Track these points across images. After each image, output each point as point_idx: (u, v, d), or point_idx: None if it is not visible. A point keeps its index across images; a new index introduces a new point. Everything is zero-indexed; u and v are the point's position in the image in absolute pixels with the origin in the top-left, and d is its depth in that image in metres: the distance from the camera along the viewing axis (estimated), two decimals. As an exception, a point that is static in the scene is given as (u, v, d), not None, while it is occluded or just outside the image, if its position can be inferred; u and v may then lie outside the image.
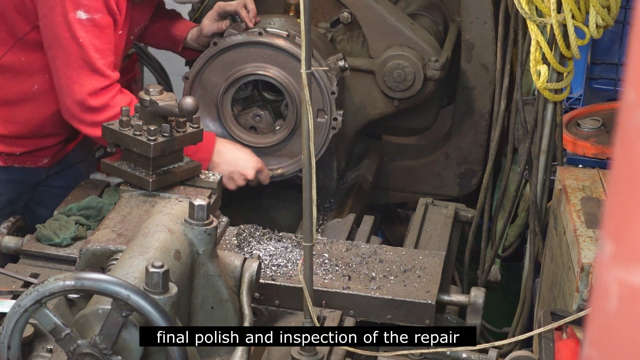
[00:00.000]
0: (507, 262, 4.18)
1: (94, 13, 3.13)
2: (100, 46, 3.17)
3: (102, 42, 3.18)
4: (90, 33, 3.13)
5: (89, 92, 3.17)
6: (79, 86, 3.17)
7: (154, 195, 2.92)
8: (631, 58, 0.91)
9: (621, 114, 0.91)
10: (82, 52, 3.14)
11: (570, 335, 2.46)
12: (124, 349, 2.16)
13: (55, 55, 3.18)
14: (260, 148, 3.61)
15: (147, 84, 3.63)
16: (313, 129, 2.37)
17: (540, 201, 3.55)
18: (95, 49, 3.15)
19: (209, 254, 2.47)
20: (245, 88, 3.60)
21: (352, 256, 3.02)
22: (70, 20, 3.11)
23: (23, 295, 2.12)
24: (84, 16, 3.11)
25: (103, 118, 3.17)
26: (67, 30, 3.12)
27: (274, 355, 2.71)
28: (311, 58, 2.38)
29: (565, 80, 3.34)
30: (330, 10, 3.77)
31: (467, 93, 4.00)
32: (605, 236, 0.92)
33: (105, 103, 3.19)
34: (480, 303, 2.87)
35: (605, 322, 0.92)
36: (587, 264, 2.68)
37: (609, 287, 0.91)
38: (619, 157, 0.92)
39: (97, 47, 3.16)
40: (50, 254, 2.92)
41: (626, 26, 3.95)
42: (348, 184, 3.95)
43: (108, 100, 3.19)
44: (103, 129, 3.01)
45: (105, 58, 3.19)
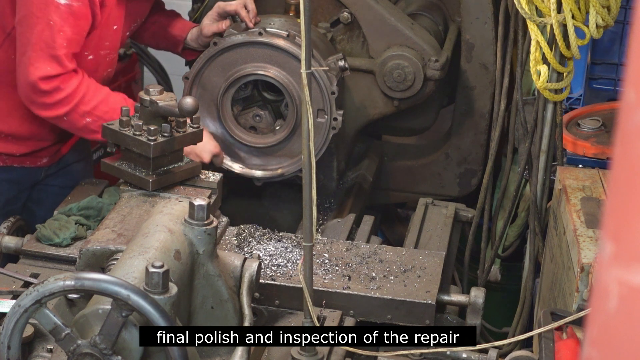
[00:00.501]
0: (507, 262, 4.18)
1: (73, 1, 3.10)
2: (69, 35, 3.14)
3: (73, 32, 3.15)
4: (64, 19, 3.11)
5: (41, 77, 3.14)
6: (34, 68, 3.14)
7: (154, 195, 2.92)
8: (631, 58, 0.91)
9: (621, 114, 0.91)
10: (48, 35, 3.11)
11: (570, 335, 2.46)
12: (124, 349, 2.16)
13: (22, 31, 3.15)
14: (260, 148, 3.61)
15: (147, 84, 3.62)
16: (313, 129, 2.37)
17: (540, 201, 3.55)
18: (63, 36, 3.12)
19: (209, 254, 2.47)
20: (245, 88, 3.60)
21: (352, 256, 3.02)
22: (49, 1, 3.08)
23: (23, 295, 2.12)
24: (63, 1, 3.09)
25: (53, 100, 3.17)
26: (41, 9, 3.09)
27: (274, 355, 2.71)
28: (311, 58, 2.38)
29: (565, 80, 3.34)
30: (330, 10, 3.77)
31: (467, 93, 4.00)
32: (605, 236, 0.92)
33: (55, 86, 3.16)
34: (480, 303, 2.87)
35: (605, 322, 0.92)
36: (587, 264, 2.68)
37: (609, 287, 0.91)
38: (619, 157, 0.92)
39: (66, 35, 3.13)
40: (50, 254, 2.92)
41: (626, 26, 3.95)
42: (348, 184, 3.95)
43: (58, 84, 3.16)
44: (103, 129, 3.01)
45: (69, 48, 3.15)
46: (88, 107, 3.21)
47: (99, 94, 3.22)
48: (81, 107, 3.20)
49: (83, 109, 3.20)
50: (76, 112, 3.20)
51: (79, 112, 3.20)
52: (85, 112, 3.21)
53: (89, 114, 3.21)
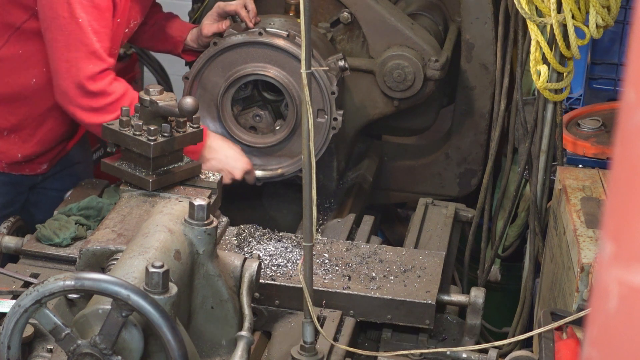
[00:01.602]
0: (507, 262, 4.18)
1: None
2: (98, 29, 3.13)
3: (100, 25, 3.14)
4: (89, 14, 3.09)
5: (88, 76, 3.12)
6: (77, 69, 3.12)
7: (154, 195, 2.92)
8: (631, 58, 0.91)
9: (621, 114, 0.91)
10: (81, 33, 3.09)
11: (570, 335, 2.46)
12: (124, 349, 2.16)
13: (53, 36, 3.13)
14: (260, 148, 3.61)
15: (147, 84, 3.62)
16: (313, 129, 2.37)
17: (540, 201, 3.55)
18: (93, 30, 3.11)
19: (209, 254, 2.47)
20: (245, 88, 3.60)
21: (352, 256, 3.02)
22: (71, 0, 3.07)
23: (23, 295, 2.12)
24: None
25: (100, 104, 3.14)
26: (67, 10, 3.08)
27: (274, 355, 2.71)
28: (311, 58, 2.38)
29: (565, 80, 3.34)
30: (330, 10, 3.77)
31: (467, 93, 4.00)
32: (605, 236, 0.92)
33: (102, 89, 3.14)
34: (480, 303, 2.87)
35: (605, 322, 0.92)
36: (587, 264, 2.68)
37: (609, 287, 0.91)
38: (619, 157, 0.92)
39: (95, 29, 3.12)
40: (50, 254, 2.91)
41: (626, 26, 3.95)
42: (348, 184, 3.95)
43: (105, 87, 3.15)
44: (103, 129, 3.01)
45: (102, 42, 3.14)
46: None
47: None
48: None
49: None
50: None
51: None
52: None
53: None
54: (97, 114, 3.17)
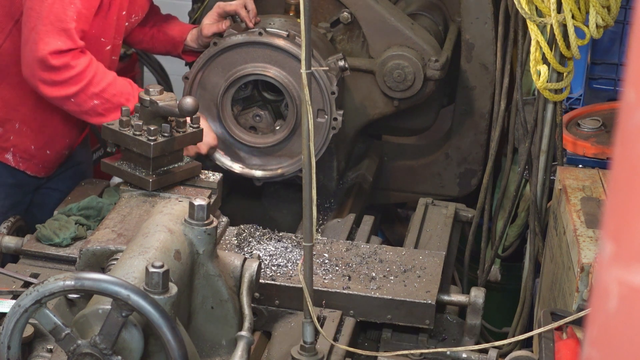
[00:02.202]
0: (507, 262, 4.18)
1: None
2: (80, 9, 3.11)
3: (84, 6, 3.12)
4: None
5: (52, 51, 3.08)
6: (44, 44, 3.08)
7: (154, 195, 2.92)
8: (631, 58, 0.91)
9: (621, 114, 0.91)
10: (59, 7, 3.07)
11: (570, 335, 2.46)
12: (124, 349, 2.16)
13: (31, 5, 3.10)
14: (260, 148, 3.61)
15: (147, 84, 3.63)
16: (313, 129, 2.37)
17: (540, 201, 3.55)
18: (74, 9, 3.09)
19: (209, 254, 2.47)
20: (245, 88, 3.60)
21: (352, 256, 3.02)
22: None
23: (23, 295, 2.12)
24: None
25: (62, 77, 3.11)
26: None
27: (274, 355, 2.71)
28: (311, 58, 2.38)
29: (565, 80, 3.34)
30: (330, 10, 3.77)
31: (467, 93, 4.00)
32: (605, 236, 0.92)
33: (65, 63, 3.11)
34: (480, 303, 2.87)
35: (605, 322, 0.92)
36: (587, 264, 2.68)
37: (609, 287, 0.91)
38: (619, 157, 0.92)
39: (77, 8, 3.10)
40: (50, 254, 2.92)
41: (626, 26, 3.95)
42: (348, 184, 3.95)
43: (69, 60, 3.11)
44: (103, 129, 3.01)
45: (79, 22, 3.11)
46: (97, 89, 3.15)
47: (107, 76, 3.17)
48: (90, 88, 3.14)
49: (92, 90, 3.14)
50: (85, 93, 3.14)
51: (87, 94, 3.15)
52: (94, 93, 3.15)
53: (97, 96, 3.15)
54: (59, 87, 3.14)
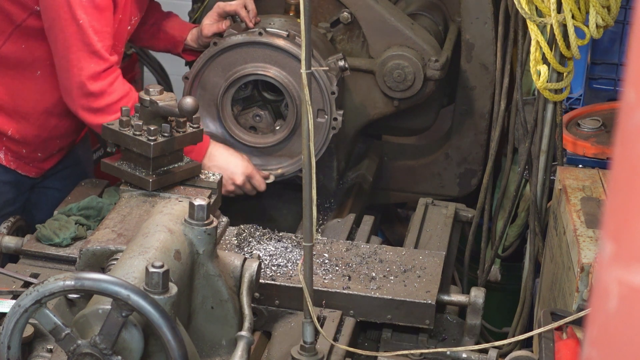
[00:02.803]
0: (507, 262, 4.17)
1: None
2: (99, 28, 3.15)
3: (101, 25, 3.15)
4: (89, 15, 3.12)
5: (88, 76, 3.15)
6: (79, 69, 3.15)
7: (154, 195, 2.92)
8: (631, 58, 0.91)
9: (621, 114, 0.91)
10: (81, 33, 3.12)
11: (570, 335, 2.46)
12: (124, 349, 2.16)
13: (55, 37, 3.16)
14: (260, 148, 3.61)
15: (147, 84, 3.62)
16: (313, 129, 2.37)
17: (540, 201, 3.55)
18: (94, 30, 3.13)
19: (209, 254, 2.47)
20: (245, 88, 3.60)
21: (352, 256, 3.02)
22: (71, 2, 3.09)
23: (23, 295, 2.12)
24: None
25: (100, 105, 3.16)
26: (67, 11, 3.10)
27: (274, 355, 2.71)
28: (311, 58, 2.38)
29: (565, 80, 3.34)
30: (330, 10, 3.77)
31: (467, 93, 4.00)
32: (605, 236, 0.92)
33: (102, 89, 3.16)
34: (480, 303, 2.87)
35: (605, 322, 0.92)
36: (587, 264, 2.68)
37: (609, 287, 0.91)
38: (619, 157, 0.92)
39: (96, 29, 3.14)
40: (50, 254, 2.92)
41: (626, 26, 3.95)
42: (348, 184, 3.95)
43: (106, 87, 3.17)
44: (103, 129, 3.01)
45: (103, 41, 3.16)
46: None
47: (133, 95, 3.21)
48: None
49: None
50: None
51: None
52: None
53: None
54: (98, 114, 3.19)
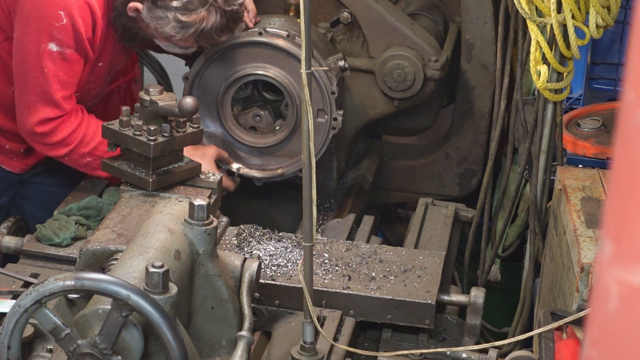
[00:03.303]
0: (507, 262, 4.17)
1: (65, 48, 3.14)
2: (64, 79, 3.19)
3: (67, 76, 3.19)
4: (57, 65, 3.15)
5: (39, 120, 3.20)
6: (34, 111, 3.20)
7: (154, 195, 2.92)
8: (631, 58, 0.91)
9: (621, 114, 0.91)
10: (44, 81, 3.16)
11: (570, 335, 2.46)
12: (124, 349, 2.16)
13: (19, 76, 3.21)
14: (260, 148, 3.61)
15: (147, 84, 3.62)
16: (313, 129, 2.37)
17: (540, 201, 3.55)
18: (58, 80, 3.17)
19: (209, 254, 2.47)
20: (245, 88, 3.60)
21: (352, 256, 3.02)
22: (41, 50, 3.13)
23: (23, 295, 2.12)
24: (55, 48, 3.13)
25: (51, 141, 3.23)
26: (35, 58, 3.14)
27: (274, 355, 2.71)
28: (311, 58, 2.38)
29: (565, 80, 3.33)
30: (330, 10, 3.77)
31: (467, 93, 4.00)
32: (605, 236, 0.92)
33: (52, 128, 3.22)
34: (480, 303, 2.87)
35: (605, 322, 0.92)
36: (587, 264, 2.68)
37: (609, 287, 0.91)
38: (619, 157, 0.92)
39: (61, 79, 3.18)
40: (50, 254, 2.92)
41: (626, 26, 3.95)
42: (348, 184, 3.95)
43: (56, 125, 3.22)
44: (103, 128, 3.02)
45: (65, 90, 3.21)
46: (87, 149, 3.26)
47: (99, 134, 3.22)
48: (80, 149, 3.26)
49: (82, 150, 3.26)
50: (76, 153, 3.27)
51: (78, 153, 3.27)
52: (84, 153, 3.27)
53: (89, 155, 3.27)
54: (50, 148, 3.27)
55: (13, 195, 3.61)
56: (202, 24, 3.15)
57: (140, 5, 3.17)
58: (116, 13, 3.25)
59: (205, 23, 3.15)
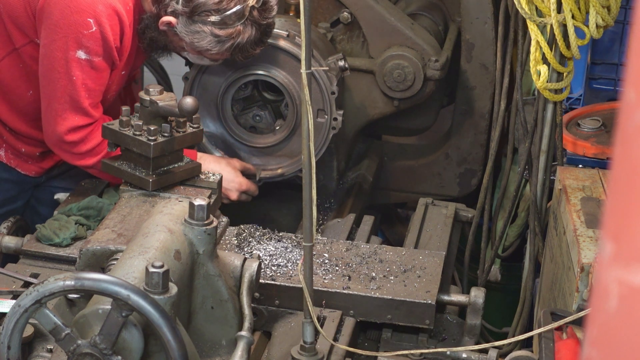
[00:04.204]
0: (507, 262, 4.17)
1: (94, 56, 3.12)
2: (92, 87, 3.17)
3: (95, 84, 3.18)
4: (85, 73, 3.13)
5: (69, 129, 3.18)
6: (63, 119, 3.18)
7: (154, 195, 2.92)
8: (631, 58, 0.91)
9: (621, 114, 0.91)
10: (72, 89, 3.14)
11: (570, 335, 2.46)
12: (124, 349, 2.16)
13: (46, 84, 3.18)
14: (260, 148, 3.61)
15: (147, 84, 3.62)
16: (313, 129, 2.37)
17: (540, 201, 3.55)
18: (86, 88, 3.15)
19: (209, 254, 2.47)
20: (245, 88, 3.60)
21: (352, 256, 3.02)
22: (69, 57, 3.10)
23: (23, 295, 2.12)
24: (83, 56, 3.11)
25: (80, 150, 3.21)
26: (63, 66, 3.12)
27: (274, 355, 2.71)
28: (311, 58, 2.38)
29: (565, 80, 3.34)
30: (330, 10, 3.77)
31: (467, 93, 4.00)
32: (605, 236, 0.92)
33: (82, 137, 3.20)
34: (480, 303, 2.87)
35: (605, 322, 0.92)
36: (587, 264, 2.68)
37: (609, 287, 0.91)
38: (619, 157, 0.92)
39: (89, 87, 3.16)
40: (50, 254, 2.92)
41: (626, 26, 3.95)
42: (348, 184, 3.95)
43: (84, 136, 3.20)
44: (103, 128, 3.02)
45: (93, 98, 3.19)
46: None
47: None
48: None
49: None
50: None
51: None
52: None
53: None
54: (79, 158, 3.24)
55: (28, 198, 3.61)
56: (239, 39, 3.12)
57: (174, 19, 3.13)
58: (144, 25, 3.22)
59: (242, 37, 3.12)
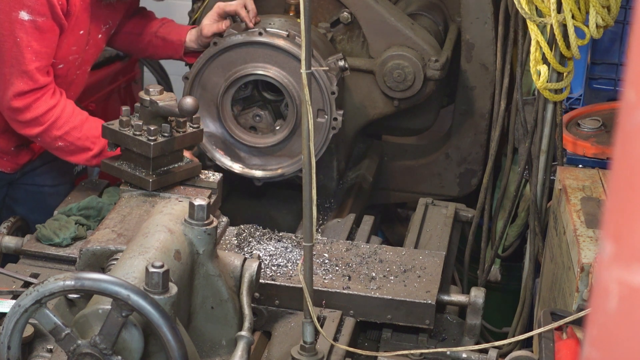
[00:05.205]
0: (507, 262, 4.17)
1: (37, 16, 3.11)
2: (37, 49, 3.15)
3: (41, 46, 3.16)
4: (29, 34, 3.12)
5: (15, 94, 3.16)
6: (10, 84, 3.16)
7: (154, 195, 2.92)
8: (631, 58, 0.91)
9: (621, 114, 0.91)
10: (17, 51, 3.13)
11: (570, 335, 2.46)
12: (124, 349, 2.16)
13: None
14: (260, 148, 3.61)
15: (147, 84, 3.62)
16: (313, 129, 2.37)
17: (540, 201, 3.55)
18: (32, 50, 3.14)
19: (209, 254, 2.47)
20: (245, 88, 3.60)
21: (352, 256, 3.02)
22: (13, 19, 3.09)
23: (23, 295, 2.12)
24: (27, 17, 3.10)
25: (25, 118, 3.19)
26: (7, 28, 3.11)
27: (274, 355, 2.71)
28: (311, 58, 2.38)
29: (565, 80, 3.34)
30: (330, 10, 3.77)
31: (467, 93, 4.00)
32: (605, 236, 0.92)
33: (27, 104, 3.18)
34: (480, 303, 2.87)
35: (605, 322, 0.92)
36: (587, 264, 2.68)
37: (609, 287, 0.91)
38: (619, 157, 0.92)
39: (34, 49, 3.14)
40: (50, 254, 2.92)
41: (626, 26, 3.95)
42: (348, 184, 3.95)
43: (31, 102, 3.18)
44: (103, 128, 3.01)
45: (40, 61, 3.17)
46: (60, 132, 3.22)
47: (73, 119, 3.21)
48: (53, 131, 3.21)
49: (55, 133, 3.22)
50: (47, 134, 3.22)
51: (50, 136, 3.22)
52: (57, 136, 3.22)
53: (61, 139, 3.23)
54: (24, 127, 3.22)
55: (3, 197, 3.60)
56: None
57: None
58: None
59: None
